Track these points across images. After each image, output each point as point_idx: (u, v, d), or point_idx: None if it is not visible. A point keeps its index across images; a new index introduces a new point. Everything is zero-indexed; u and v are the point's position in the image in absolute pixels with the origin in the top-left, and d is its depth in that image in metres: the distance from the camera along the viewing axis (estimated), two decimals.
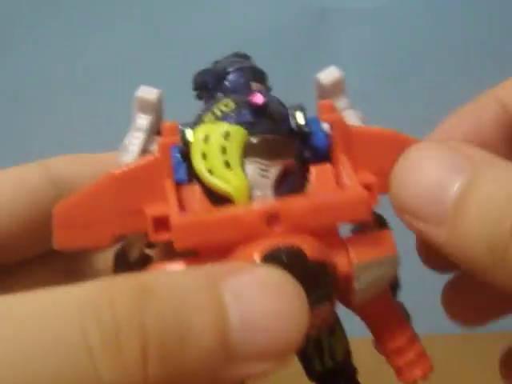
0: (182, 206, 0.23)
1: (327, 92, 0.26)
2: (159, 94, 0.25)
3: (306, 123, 0.24)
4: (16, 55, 0.67)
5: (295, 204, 0.22)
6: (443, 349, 0.28)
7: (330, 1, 0.67)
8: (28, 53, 0.67)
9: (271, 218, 0.22)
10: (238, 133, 0.23)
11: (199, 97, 0.26)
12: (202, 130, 0.23)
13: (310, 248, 0.22)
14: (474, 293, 0.28)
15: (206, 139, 0.23)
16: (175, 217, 0.22)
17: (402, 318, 0.26)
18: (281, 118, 0.24)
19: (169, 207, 0.22)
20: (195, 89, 0.26)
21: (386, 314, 0.26)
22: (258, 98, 0.23)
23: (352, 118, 0.25)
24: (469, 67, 0.67)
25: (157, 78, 0.26)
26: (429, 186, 0.21)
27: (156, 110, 0.25)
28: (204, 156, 0.23)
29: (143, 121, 0.25)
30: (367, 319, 0.26)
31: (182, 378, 0.17)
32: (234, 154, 0.23)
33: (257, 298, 0.19)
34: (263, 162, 0.23)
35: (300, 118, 0.24)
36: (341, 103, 0.25)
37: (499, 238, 0.19)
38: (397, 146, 0.23)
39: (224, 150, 0.23)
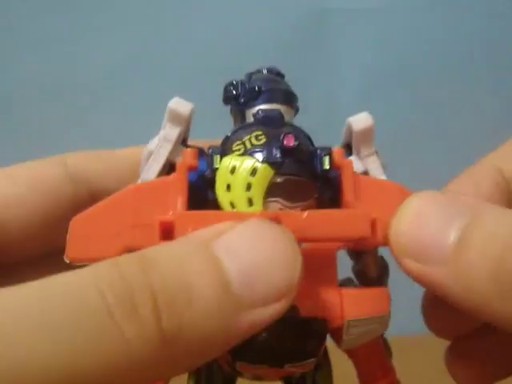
0: None
1: (356, 138, 0.26)
2: (192, 107, 0.25)
3: (331, 168, 0.24)
4: (17, 56, 0.67)
5: (297, 213, 0.23)
6: (443, 349, 0.29)
7: (330, 1, 0.67)
8: (28, 53, 0.67)
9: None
10: (265, 171, 0.23)
11: (226, 103, 0.27)
12: (230, 160, 0.24)
13: (302, 304, 0.23)
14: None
15: (233, 171, 0.23)
16: (180, 210, 0.23)
17: (385, 358, 0.27)
18: (308, 159, 0.24)
19: (176, 213, 0.23)
20: (225, 100, 0.27)
21: (371, 356, 0.27)
22: (290, 141, 0.24)
23: (374, 165, 0.26)
24: (470, 66, 0.67)
25: (157, 78, 0.26)
26: (430, 229, 0.22)
27: (186, 123, 0.25)
28: (228, 188, 0.23)
29: (173, 132, 0.25)
30: (352, 357, 0.27)
31: (196, 330, 0.19)
32: (257, 192, 0.23)
33: (248, 248, 0.20)
34: (284, 202, 0.24)
35: (326, 164, 0.24)
36: (366, 150, 0.26)
37: (504, 275, 0.20)
38: (401, 199, 0.23)
39: (249, 187, 0.23)
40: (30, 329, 0.17)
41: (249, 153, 0.24)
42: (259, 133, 0.24)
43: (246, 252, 0.20)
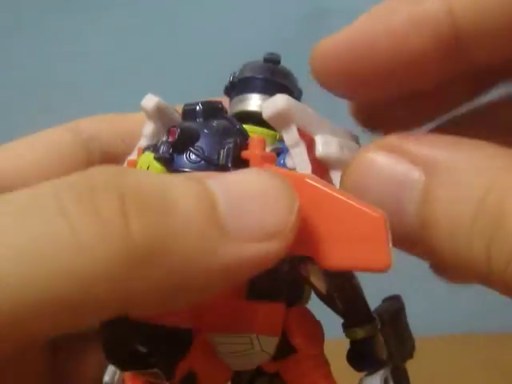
0: None
1: (272, 124, 0.22)
2: (157, 102, 0.25)
3: (229, 162, 0.22)
4: (17, 56, 0.67)
5: None
6: (443, 349, 0.28)
7: (330, 1, 0.67)
8: (29, 54, 0.67)
9: None
10: (154, 168, 0.22)
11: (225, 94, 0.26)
12: (141, 158, 0.23)
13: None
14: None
15: (140, 169, 0.23)
16: None
17: None
18: (210, 155, 0.22)
19: None
20: (224, 92, 0.26)
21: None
22: (172, 134, 0.22)
23: (298, 158, 0.22)
24: None
25: (157, 78, 0.26)
26: (389, 180, 0.20)
27: (159, 118, 0.25)
28: None
29: (146, 128, 0.25)
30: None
31: (174, 245, 0.17)
32: None
33: (242, 182, 0.19)
34: None
35: (221, 159, 0.22)
36: (288, 140, 0.22)
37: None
38: (304, 191, 0.20)
39: None
40: None
41: (153, 150, 0.23)
42: (169, 129, 0.23)
43: (239, 185, 0.19)
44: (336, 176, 0.22)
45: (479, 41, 0.22)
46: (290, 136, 0.22)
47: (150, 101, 0.25)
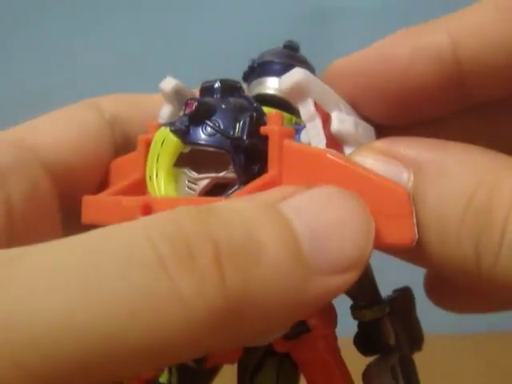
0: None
1: (289, 98, 0.22)
2: (176, 84, 0.25)
3: (244, 135, 0.22)
4: (17, 55, 0.67)
5: (168, 199, 0.22)
6: (443, 349, 0.28)
7: (330, 1, 0.67)
8: (29, 53, 0.67)
9: (145, 208, 0.21)
10: (169, 140, 0.22)
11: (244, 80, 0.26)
12: (157, 133, 0.23)
13: None
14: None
15: (155, 144, 0.23)
16: (111, 191, 0.24)
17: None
18: (226, 128, 0.22)
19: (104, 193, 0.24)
20: (242, 77, 0.26)
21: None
22: (190, 106, 0.22)
23: (313, 132, 0.22)
24: None
25: (157, 78, 0.26)
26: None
27: (176, 100, 0.25)
28: (149, 160, 0.23)
29: (164, 109, 0.25)
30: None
31: (264, 292, 0.17)
32: (162, 163, 0.23)
33: (319, 208, 0.19)
34: (190, 173, 0.23)
35: (237, 131, 0.22)
36: (304, 114, 0.22)
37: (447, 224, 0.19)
38: (324, 167, 0.21)
39: (158, 157, 0.23)
40: (70, 285, 0.15)
41: (170, 124, 0.23)
42: (187, 101, 0.23)
43: (317, 214, 0.18)
44: (347, 152, 0.22)
45: (481, 76, 0.23)
46: (306, 109, 0.22)
47: (168, 83, 0.25)
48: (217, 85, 0.23)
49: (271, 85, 0.25)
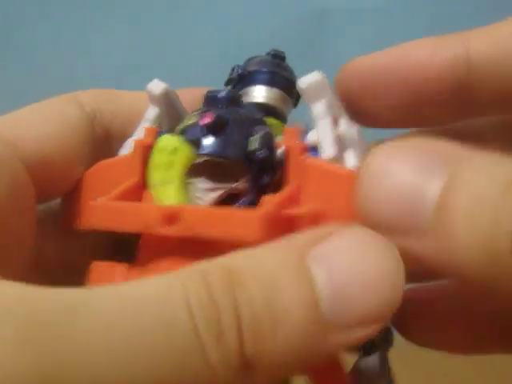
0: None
1: (305, 97, 0.23)
2: (165, 88, 0.25)
3: (261, 149, 0.22)
4: (17, 55, 0.67)
5: (195, 208, 0.22)
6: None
7: (330, 1, 0.67)
8: (29, 52, 0.67)
9: (170, 218, 0.21)
10: (183, 150, 0.22)
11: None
12: (163, 139, 0.23)
13: None
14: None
15: (161, 150, 0.23)
16: (96, 200, 0.23)
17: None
18: (238, 139, 0.22)
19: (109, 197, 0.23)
20: (225, 84, 0.26)
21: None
22: (206, 119, 0.22)
23: (323, 130, 0.22)
24: None
25: (157, 77, 0.26)
26: (402, 194, 0.18)
27: (164, 104, 0.25)
28: (154, 167, 0.23)
29: (150, 112, 0.25)
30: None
31: (277, 355, 0.17)
32: (175, 173, 0.22)
33: (345, 263, 0.18)
34: (204, 184, 0.23)
35: (254, 144, 0.22)
36: (316, 110, 0.23)
37: (498, 242, 0.17)
38: (350, 187, 0.20)
39: (168, 166, 0.23)
40: (117, 338, 0.16)
41: (179, 132, 0.23)
42: (196, 112, 0.23)
43: (342, 270, 0.18)
44: (349, 155, 0.22)
45: (492, 86, 0.23)
46: (320, 108, 0.23)
47: (157, 86, 0.25)
48: (223, 94, 0.23)
49: (258, 94, 0.26)
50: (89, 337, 0.16)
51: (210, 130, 0.22)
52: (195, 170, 0.23)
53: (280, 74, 0.26)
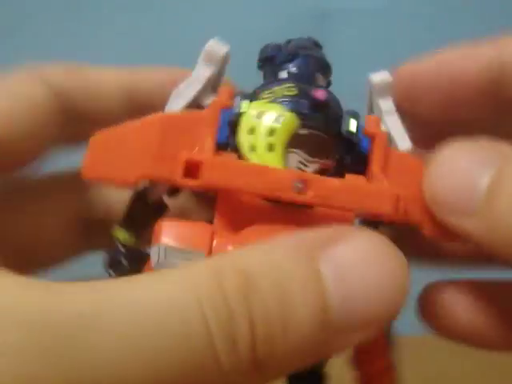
0: None
1: (375, 92, 0.26)
2: (228, 50, 0.25)
3: (357, 132, 0.24)
4: (17, 53, 0.67)
5: (327, 179, 0.23)
6: (443, 349, 0.28)
7: (330, 1, 0.67)
8: (29, 51, 0.67)
9: (300, 184, 0.22)
10: (290, 120, 0.23)
11: (260, 67, 0.27)
12: (257, 105, 0.23)
13: None
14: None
15: (260, 116, 0.23)
16: (209, 155, 0.23)
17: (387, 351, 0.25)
18: (335, 119, 0.24)
19: (203, 154, 0.23)
20: (260, 60, 0.26)
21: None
22: (322, 95, 0.23)
23: (393, 124, 0.25)
24: None
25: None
26: (462, 181, 0.22)
27: (220, 66, 0.25)
28: (251, 131, 0.23)
29: (204, 72, 0.25)
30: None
31: (286, 356, 0.18)
32: (280, 140, 0.23)
33: (355, 268, 0.19)
34: (304, 156, 0.23)
35: (353, 126, 0.24)
36: (386, 106, 0.25)
37: None
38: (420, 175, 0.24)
39: (272, 133, 0.23)
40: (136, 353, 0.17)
41: (278, 101, 0.23)
42: (291, 85, 0.24)
43: (353, 276, 0.19)
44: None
45: None
46: (389, 104, 0.25)
47: (221, 46, 0.25)
48: (321, 97, 0.24)
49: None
50: (101, 350, 0.16)
51: (320, 107, 0.23)
52: (296, 141, 0.23)
53: (318, 57, 0.27)
